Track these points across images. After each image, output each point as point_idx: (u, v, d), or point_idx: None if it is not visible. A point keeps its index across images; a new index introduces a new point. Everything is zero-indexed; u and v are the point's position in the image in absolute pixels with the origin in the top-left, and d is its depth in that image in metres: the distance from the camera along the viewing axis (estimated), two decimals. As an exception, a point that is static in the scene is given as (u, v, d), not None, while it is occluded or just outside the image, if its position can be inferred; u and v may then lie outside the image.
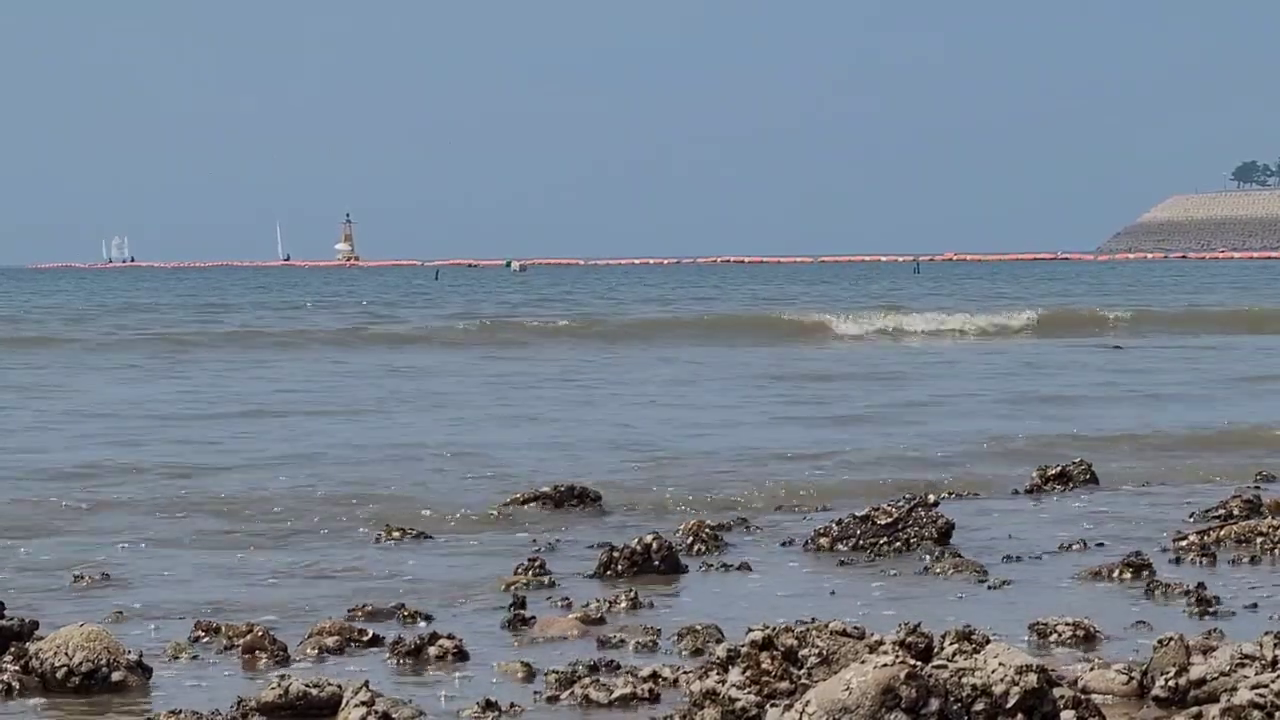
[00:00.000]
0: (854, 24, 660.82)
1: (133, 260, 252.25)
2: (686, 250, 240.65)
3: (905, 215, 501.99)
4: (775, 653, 8.10)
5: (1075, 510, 14.57)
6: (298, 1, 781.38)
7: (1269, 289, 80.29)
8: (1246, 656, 7.93)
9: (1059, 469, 16.40)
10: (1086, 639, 9.35)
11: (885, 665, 7.07)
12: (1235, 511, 13.89)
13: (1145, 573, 11.38)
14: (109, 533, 13.42)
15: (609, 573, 11.80)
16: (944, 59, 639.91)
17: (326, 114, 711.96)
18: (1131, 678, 8.29)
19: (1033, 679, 7.41)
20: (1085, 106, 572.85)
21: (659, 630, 9.64)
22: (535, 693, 8.44)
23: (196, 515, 14.20)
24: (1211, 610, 10.26)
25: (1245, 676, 7.73)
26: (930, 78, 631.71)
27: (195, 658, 9.26)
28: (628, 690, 8.30)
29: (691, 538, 12.86)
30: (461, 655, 9.17)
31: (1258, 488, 15.10)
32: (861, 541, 12.72)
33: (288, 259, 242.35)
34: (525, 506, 14.61)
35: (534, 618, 10.16)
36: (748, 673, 7.90)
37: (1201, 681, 7.97)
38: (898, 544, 12.67)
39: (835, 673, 7.45)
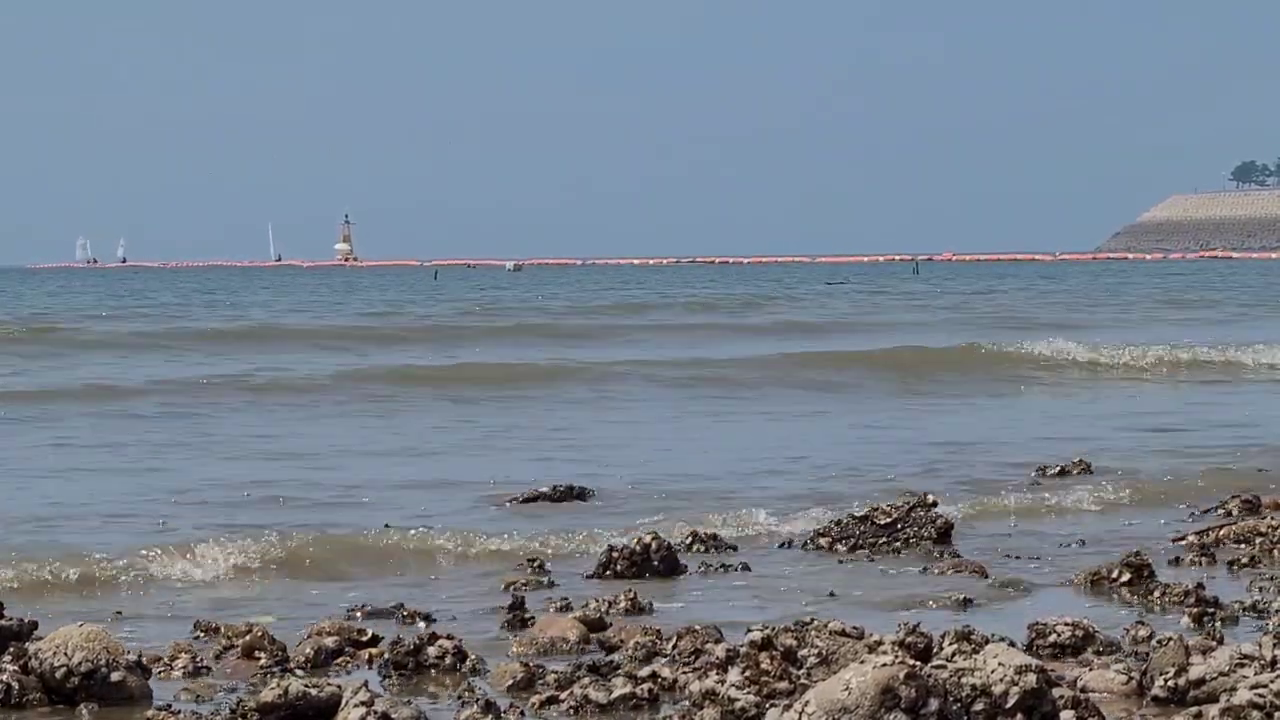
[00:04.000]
0: (854, 24, 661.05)
1: (124, 260, 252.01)
2: (686, 250, 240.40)
3: (905, 215, 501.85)
4: (774, 653, 8.10)
5: (1074, 510, 14.56)
6: (298, 1, 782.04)
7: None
8: (1246, 656, 7.93)
9: (1059, 468, 16.43)
10: (1085, 639, 9.34)
11: (885, 665, 7.07)
12: (1235, 511, 13.90)
13: (1144, 573, 11.38)
14: (111, 533, 13.41)
15: (608, 573, 11.81)
16: (944, 59, 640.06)
17: (326, 114, 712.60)
18: (1131, 678, 8.29)
19: (1032, 679, 7.42)
20: (1085, 106, 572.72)
21: (658, 630, 9.64)
22: (535, 693, 8.44)
23: (198, 515, 14.19)
24: (1210, 610, 10.25)
25: (1244, 676, 7.73)
26: (930, 78, 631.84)
27: (195, 658, 9.25)
28: (627, 691, 8.30)
29: (690, 538, 12.86)
30: (461, 655, 9.17)
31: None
32: (861, 542, 12.73)
33: (279, 259, 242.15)
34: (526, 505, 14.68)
35: (533, 618, 10.16)
36: (747, 673, 7.91)
37: (1201, 681, 7.97)
38: (897, 544, 12.67)
39: (835, 673, 7.45)
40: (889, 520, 12.89)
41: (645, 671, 8.50)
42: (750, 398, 26.15)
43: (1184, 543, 12.60)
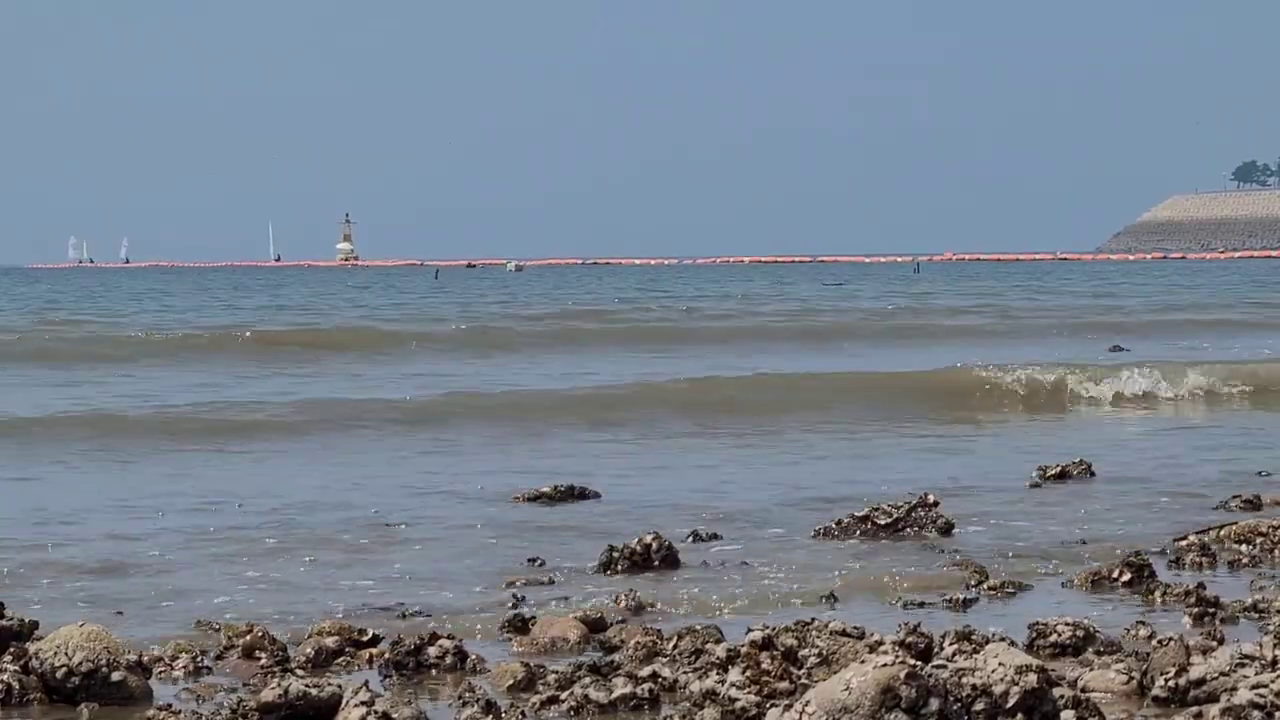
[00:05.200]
0: (855, 27, 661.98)
1: (127, 261, 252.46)
2: (685, 250, 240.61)
3: (905, 215, 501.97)
4: (775, 653, 8.10)
5: (1075, 510, 14.55)
6: (300, 2, 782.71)
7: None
8: (1246, 656, 7.93)
9: (1059, 468, 16.42)
10: (1086, 639, 9.34)
11: (885, 665, 7.07)
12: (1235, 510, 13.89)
13: (1145, 572, 11.37)
14: (112, 532, 13.42)
15: (609, 572, 11.80)
16: (944, 60, 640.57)
17: (326, 114, 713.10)
18: (1131, 678, 8.30)
19: (1032, 679, 7.42)
20: (1085, 106, 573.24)
21: (659, 630, 9.64)
22: (535, 693, 8.44)
23: (198, 514, 14.19)
24: (1211, 610, 10.25)
25: (1245, 676, 7.74)
26: (931, 78, 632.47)
27: (195, 657, 9.25)
28: (627, 691, 8.30)
29: (691, 538, 12.86)
30: (461, 655, 9.17)
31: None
32: (862, 541, 12.72)
33: (278, 259, 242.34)
34: (526, 505, 14.69)
35: (534, 618, 10.15)
36: (748, 673, 7.91)
37: (1201, 681, 7.97)
38: (899, 544, 12.66)
39: (835, 673, 7.45)
40: (890, 520, 12.89)
41: (646, 671, 8.50)
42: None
43: (1184, 543, 12.60)
